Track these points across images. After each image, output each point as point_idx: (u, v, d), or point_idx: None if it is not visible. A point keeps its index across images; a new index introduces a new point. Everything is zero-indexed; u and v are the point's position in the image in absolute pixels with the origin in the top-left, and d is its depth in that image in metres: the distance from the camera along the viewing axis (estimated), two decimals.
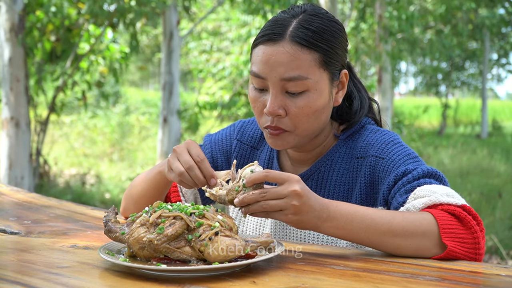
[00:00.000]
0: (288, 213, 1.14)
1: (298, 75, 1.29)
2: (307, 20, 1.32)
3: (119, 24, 6.85)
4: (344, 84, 1.39)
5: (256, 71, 1.33)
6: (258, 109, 1.36)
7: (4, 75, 5.75)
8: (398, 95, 35.81)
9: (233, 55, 10.09)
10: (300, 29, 1.30)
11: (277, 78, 1.30)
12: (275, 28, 1.32)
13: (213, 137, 1.61)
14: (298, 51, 1.29)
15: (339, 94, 1.39)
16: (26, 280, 1.03)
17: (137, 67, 23.19)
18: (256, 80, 1.34)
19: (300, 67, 1.29)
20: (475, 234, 1.18)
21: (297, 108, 1.31)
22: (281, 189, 1.13)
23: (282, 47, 1.29)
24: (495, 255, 4.94)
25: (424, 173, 1.29)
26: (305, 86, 1.30)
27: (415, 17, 8.04)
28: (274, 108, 1.31)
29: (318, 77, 1.31)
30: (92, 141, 11.95)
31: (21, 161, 5.84)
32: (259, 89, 1.35)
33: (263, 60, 1.31)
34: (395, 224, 1.17)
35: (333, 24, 1.35)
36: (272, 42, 1.30)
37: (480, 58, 17.77)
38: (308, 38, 1.29)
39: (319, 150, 1.45)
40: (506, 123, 22.60)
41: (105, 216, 1.19)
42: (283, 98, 1.32)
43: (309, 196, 1.14)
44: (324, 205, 1.16)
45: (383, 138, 1.39)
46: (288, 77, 1.29)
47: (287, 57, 1.29)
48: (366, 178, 1.37)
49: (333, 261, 1.16)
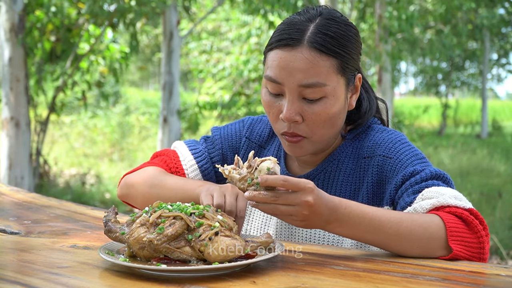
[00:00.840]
0: (297, 219, 1.13)
1: (316, 82, 1.27)
2: (324, 24, 1.30)
3: (119, 24, 6.85)
4: (358, 87, 1.38)
5: (273, 76, 1.30)
6: (274, 114, 1.34)
7: (4, 75, 5.75)
8: (398, 95, 35.83)
9: (233, 55, 10.10)
10: (318, 34, 1.28)
11: (294, 84, 1.28)
12: (292, 32, 1.29)
13: (222, 131, 1.58)
14: (317, 57, 1.27)
15: (353, 98, 1.38)
16: (26, 280, 1.03)
17: (137, 67, 23.19)
18: (271, 85, 1.31)
19: (318, 74, 1.27)
20: (480, 238, 1.18)
21: (314, 115, 1.30)
22: (294, 198, 1.10)
23: (300, 53, 1.27)
24: (495, 255, 4.94)
25: (432, 175, 1.29)
26: (322, 92, 1.29)
27: (415, 17, 8.03)
28: (291, 115, 1.29)
29: (336, 83, 1.30)
30: (92, 141, 11.95)
31: (21, 161, 5.84)
32: (274, 94, 1.33)
33: (280, 65, 1.29)
34: (403, 227, 1.17)
35: (349, 28, 1.33)
36: (290, 47, 1.28)
37: (480, 58, 17.76)
38: (326, 44, 1.28)
39: (327, 151, 1.44)
40: (506, 123, 22.60)
41: (105, 216, 1.19)
42: (300, 104, 1.30)
43: (320, 204, 1.12)
44: (332, 208, 1.14)
45: (390, 137, 1.39)
46: (306, 83, 1.27)
47: (305, 63, 1.27)
48: (373, 178, 1.36)
49: (333, 261, 1.16)
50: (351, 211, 1.16)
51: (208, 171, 1.54)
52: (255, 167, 1.14)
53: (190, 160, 1.52)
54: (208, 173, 1.55)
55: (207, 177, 1.55)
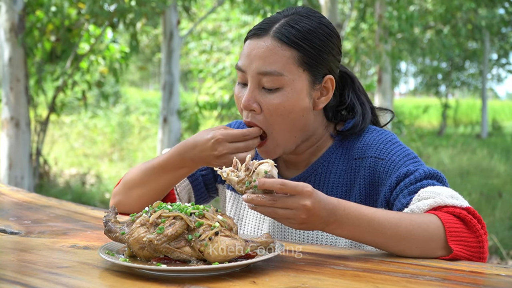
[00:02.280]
0: (295, 223, 1.13)
1: (273, 70, 1.30)
2: (295, 19, 1.33)
3: (119, 24, 6.85)
4: (328, 89, 1.37)
5: (239, 64, 1.35)
6: (240, 105, 1.37)
7: (4, 75, 5.75)
8: (398, 95, 35.83)
9: (233, 55, 10.10)
10: (284, 26, 1.31)
11: (254, 71, 1.31)
12: (263, 24, 1.34)
13: None
14: (278, 47, 1.30)
15: (321, 100, 1.37)
16: (26, 280, 1.03)
17: (137, 67, 23.19)
18: (239, 74, 1.36)
19: (276, 62, 1.30)
20: (479, 237, 1.18)
21: (271, 105, 1.31)
22: (292, 201, 1.10)
23: (263, 41, 1.31)
24: (495, 255, 4.94)
25: (426, 174, 1.29)
26: (280, 82, 1.30)
27: (415, 17, 8.03)
28: (249, 102, 1.32)
29: (295, 76, 1.31)
30: (92, 141, 11.95)
31: (21, 161, 5.84)
32: (242, 84, 1.36)
33: (244, 53, 1.34)
34: (402, 227, 1.17)
35: (323, 27, 1.34)
36: (257, 36, 1.33)
37: (480, 58, 17.76)
38: (289, 36, 1.30)
39: (312, 152, 1.43)
40: (506, 123, 22.61)
41: (105, 216, 1.19)
42: (259, 93, 1.32)
43: (318, 207, 1.12)
44: (331, 210, 1.14)
45: (381, 138, 1.38)
46: (263, 71, 1.30)
47: (265, 51, 1.30)
48: (365, 180, 1.36)
49: (333, 261, 1.16)
50: (350, 212, 1.16)
51: (196, 176, 1.58)
52: (252, 170, 1.14)
53: None
54: (196, 178, 1.58)
55: (195, 182, 1.58)
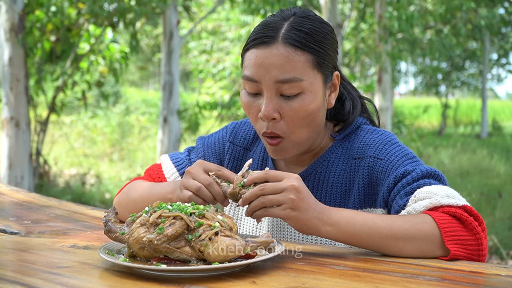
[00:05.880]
0: (286, 207, 1.14)
1: (293, 76, 1.28)
2: (298, 22, 1.32)
3: (119, 24, 6.84)
4: (336, 85, 1.39)
5: (249, 75, 1.31)
6: (253, 115, 1.34)
7: (4, 75, 5.75)
8: (398, 95, 35.84)
9: (233, 55, 10.11)
10: (292, 31, 1.30)
11: (271, 80, 1.28)
12: (267, 31, 1.31)
13: (206, 140, 1.59)
14: (292, 52, 1.28)
15: (331, 96, 1.39)
16: (26, 280, 1.03)
17: (137, 67, 23.21)
18: (249, 85, 1.32)
19: (294, 69, 1.28)
20: (477, 235, 1.18)
21: (292, 111, 1.30)
22: (279, 183, 1.15)
23: (276, 49, 1.28)
24: (495, 255, 4.94)
25: (423, 174, 1.29)
26: (300, 88, 1.29)
27: (415, 17, 8.04)
28: (269, 112, 1.30)
29: (312, 78, 1.31)
30: (92, 141, 11.95)
31: (21, 161, 5.84)
32: (252, 94, 1.33)
33: (256, 64, 1.29)
34: (396, 227, 1.17)
35: (324, 26, 1.35)
36: (265, 45, 1.29)
37: (480, 58, 17.78)
38: (301, 40, 1.29)
39: (314, 151, 1.44)
40: (506, 123, 22.61)
41: (105, 216, 1.19)
42: (278, 101, 1.30)
43: (308, 194, 1.16)
44: (324, 208, 1.18)
45: (380, 138, 1.39)
46: (283, 79, 1.28)
47: (281, 59, 1.28)
48: (364, 180, 1.37)
49: (333, 261, 1.16)
50: (344, 212, 1.19)
51: None
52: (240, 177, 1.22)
53: (171, 169, 1.54)
54: None
55: None
